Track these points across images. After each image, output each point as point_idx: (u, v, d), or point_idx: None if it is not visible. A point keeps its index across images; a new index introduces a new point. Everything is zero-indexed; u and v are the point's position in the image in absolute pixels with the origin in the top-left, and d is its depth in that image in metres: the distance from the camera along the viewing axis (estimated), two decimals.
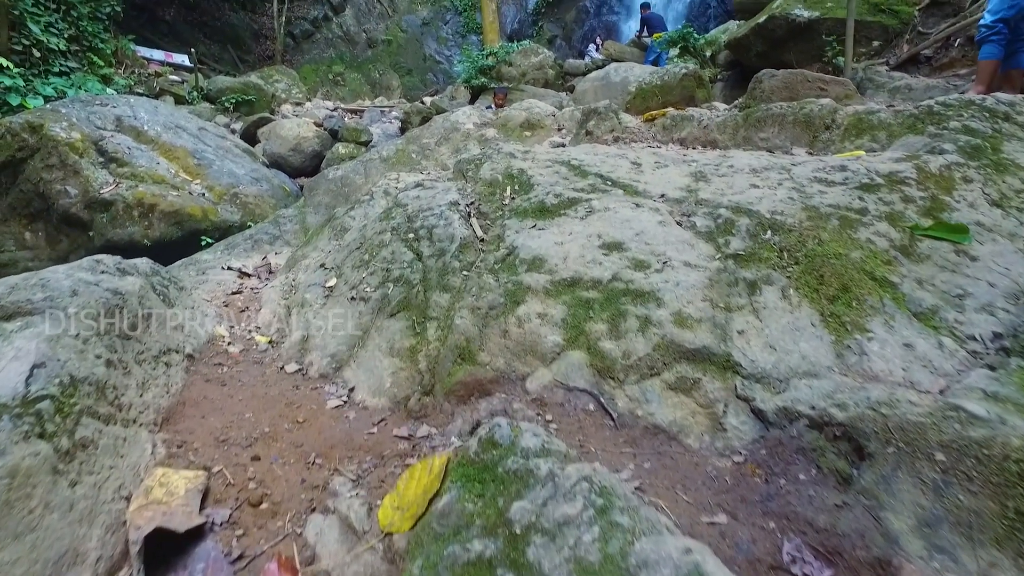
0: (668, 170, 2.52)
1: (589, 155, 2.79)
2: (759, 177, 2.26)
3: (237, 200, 7.71)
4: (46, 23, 12.08)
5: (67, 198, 6.56)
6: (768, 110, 3.03)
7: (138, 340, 1.67)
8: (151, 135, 7.91)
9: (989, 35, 5.02)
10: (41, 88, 11.55)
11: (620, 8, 19.79)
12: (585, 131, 3.58)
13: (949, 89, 6.68)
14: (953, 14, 7.92)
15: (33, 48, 11.65)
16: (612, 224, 2.02)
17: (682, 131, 3.42)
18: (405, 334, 1.94)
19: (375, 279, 2.17)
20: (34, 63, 11.84)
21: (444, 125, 4.63)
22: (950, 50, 7.52)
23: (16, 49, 11.41)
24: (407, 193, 2.72)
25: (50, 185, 6.60)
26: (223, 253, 4.23)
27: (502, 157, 2.86)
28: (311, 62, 18.10)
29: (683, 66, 5.22)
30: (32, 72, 11.86)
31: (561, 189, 2.35)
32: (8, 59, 11.05)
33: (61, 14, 12.51)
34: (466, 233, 2.20)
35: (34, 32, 11.58)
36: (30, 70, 11.79)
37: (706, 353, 1.54)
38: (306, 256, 2.98)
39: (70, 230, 6.76)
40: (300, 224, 4.41)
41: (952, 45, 7.50)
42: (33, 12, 11.78)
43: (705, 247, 1.87)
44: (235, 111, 13.53)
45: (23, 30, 11.52)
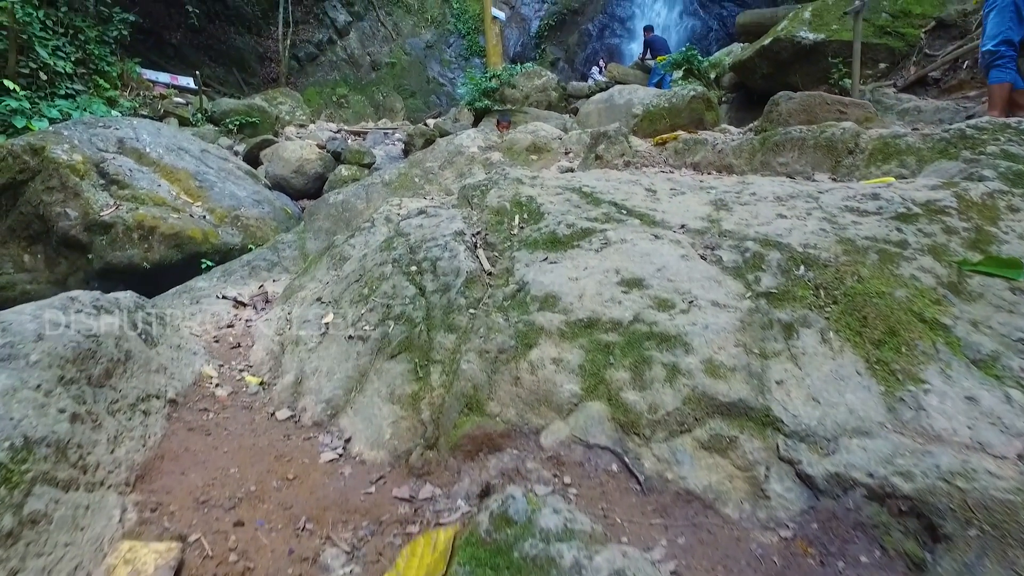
0: (686, 198, 2.38)
1: (601, 181, 2.65)
2: (785, 206, 2.12)
3: (238, 222, 7.62)
4: (54, 47, 12.18)
5: (67, 220, 6.48)
6: (787, 134, 2.90)
7: (113, 388, 1.52)
8: (153, 157, 7.86)
9: (994, 60, 4.93)
10: (46, 110, 11.59)
11: (622, 31, 19.94)
12: (595, 155, 3.45)
13: (959, 111, 6.58)
14: (959, 36, 7.87)
15: (40, 71, 11.73)
16: (631, 258, 1.87)
17: (695, 155, 3.29)
18: (407, 378, 1.78)
19: (374, 316, 2.02)
20: (40, 86, 11.91)
21: (448, 148, 4.52)
22: (958, 72, 7.45)
23: (23, 72, 11.49)
24: (409, 221, 2.58)
25: (50, 207, 6.53)
26: (219, 280, 4.09)
27: (509, 183, 2.73)
28: (315, 84, 18.21)
29: (692, 88, 5.12)
30: (38, 95, 11.93)
31: (573, 218, 2.21)
32: (15, 82, 11.12)
33: (69, 38, 12.62)
34: (472, 266, 2.05)
35: (42, 56, 11.67)
36: (36, 92, 11.86)
37: (742, 407, 1.38)
38: (303, 287, 2.84)
39: (69, 252, 6.67)
40: (299, 250, 4.28)
41: (960, 67, 7.43)
42: (41, 36, 11.89)
43: (733, 284, 1.71)
44: (239, 133, 13.55)
45: (31, 54, 11.61)
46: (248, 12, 17.23)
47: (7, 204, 6.89)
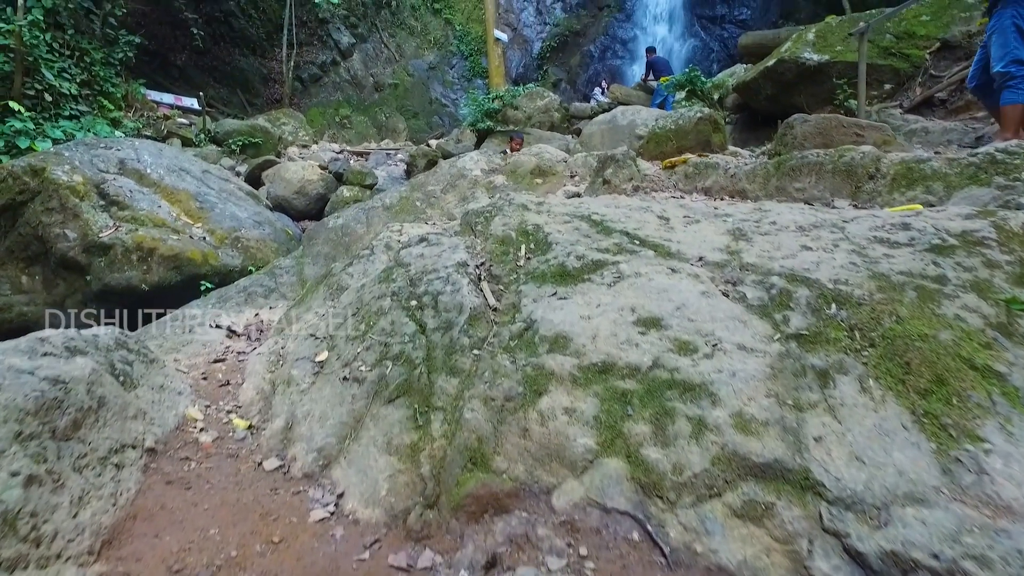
0: (701, 226, 2.26)
1: (611, 208, 2.53)
2: (809, 236, 1.99)
3: (239, 244, 7.55)
4: (59, 68, 12.27)
5: (65, 241, 6.41)
6: (803, 158, 2.79)
7: (81, 440, 1.38)
8: (154, 178, 7.82)
9: (1005, 81, 4.84)
10: (50, 131, 11.63)
11: (624, 52, 20.08)
12: (602, 179, 3.34)
13: (967, 132, 6.49)
14: (965, 57, 7.81)
15: (45, 92, 11.79)
16: (647, 294, 1.74)
17: (706, 180, 3.18)
18: (405, 426, 1.63)
19: (371, 355, 1.88)
20: (45, 107, 11.96)
21: (450, 171, 4.42)
22: (965, 93, 7.37)
23: (28, 93, 11.55)
24: (410, 250, 2.46)
25: (49, 228, 6.47)
26: (214, 307, 3.97)
27: (514, 209, 2.61)
28: (319, 105, 18.30)
29: (698, 110, 5.03)
30: (43, 115, 11.98)
31: (583, 249, 2.08)
32: (20, 103, 11.17)
33: (75, 60, 12.71)
34: (476, 302, 1.92)
35: (47, 77, 11.74)
36: (41, 113, 11.91)
37: (778, 468, 1.23)
38: (298, 318, 2.71)
39: (67, 274, 6.58)
40: (297, 276, 4.16)
41: (967, 88, 7.36)
42: (48, 59, 11.97)
43: (760, 325, 1.58)
44: (241, 153, 13.58)
45: (37, 75, 11.69)
46: (253, 34, 17.39)
47: (6, 225, 6.84)
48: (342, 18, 19.15)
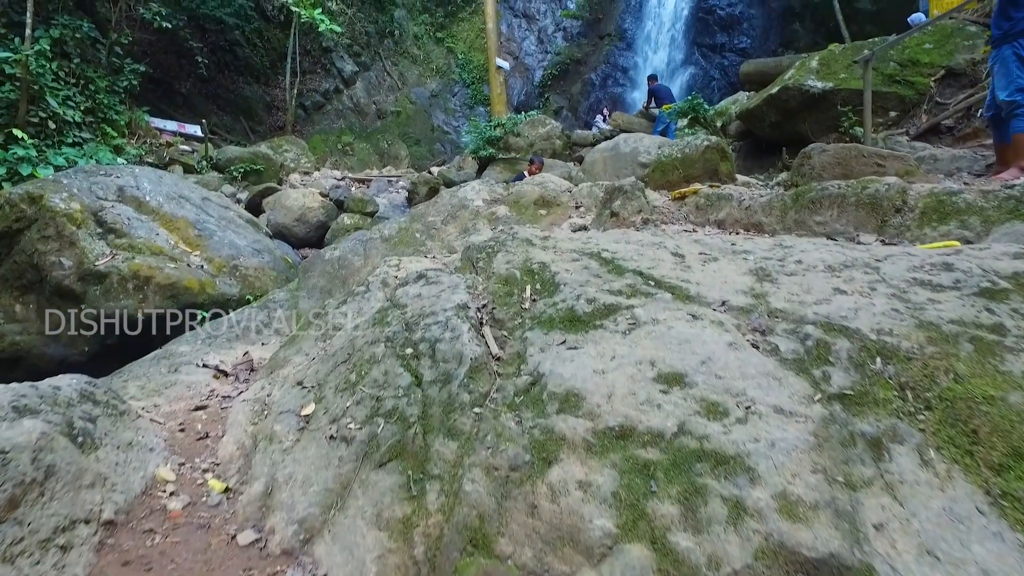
0: (720, 265, 2.09)
1: (621, 244, 2.37)
2: (840, 278, 1.82)
3: (237, 272, 7.42)
4: (64, 96, 12.34)
5: (61, 270, 6.28)
6: (824, 190, 2.64)
7: (18, 522, 1.19)
8: (152, 205, 7.72)
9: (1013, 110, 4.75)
10: (53, 158, 11.63)
11: (625, 80, 20.26)
12: (610, 212, 3.20)
13: (977, 160, 6.39)
14: (970, 85, 7.77)
15: (49, 120, 11.85)
16: (667, 345, 1.56)
17: (719, 212, 3.03)
18: (398, 496, 1.44)
19: (362, 410, 1.70)
20: (49, 134, 12.00)
21: (451, 202, 4.28)
22: (972, 120, 7.30)
23: (32, 121, 11.61)
24: (407, 289, 2.29)
25: (44, 256, 6.34)
26: (203, 343, 3.79)
27: (518, 245, 2.45)
28: (321, 132, 18.39)
29: (705, 138, 4.92)
30: (46, 143, 12.01)
31: (594, 291, 1.91)
32: (24, 130, 11.21)
33: (79, 88, 12.80)
34: (478, 351, 1.75)
35: (52, 105, 11.81)
36: (44, 140, 11.94)
37: (835, 565, 1.04)
38: (288, 360, 2.53)
39: (62, 303, 6.43)
40: (292, 310, 3.99)
41: (974, 115, 7.29)
42: (53, 87, 12.05)
43: (797, 383, 1.40)
44: (243, 180, 13.55)
45: (41, 103, 11.75)
46: (257, 63, 17.59)
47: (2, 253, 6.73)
48: (345, 47, 19.40)
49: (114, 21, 13.58)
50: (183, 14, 14.88)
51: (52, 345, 6.25)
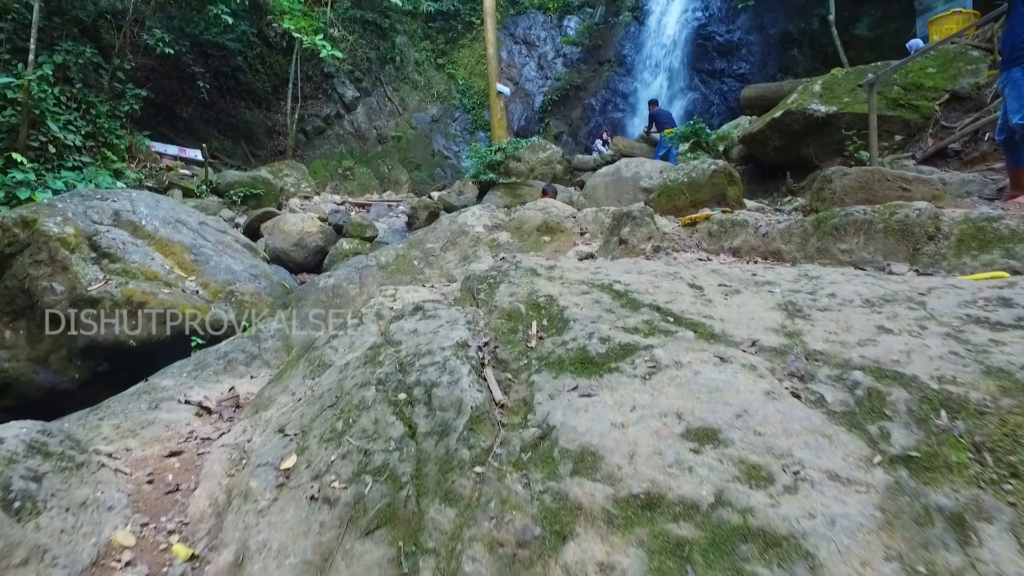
0: (744, 298, 1.91)
1: (633, 274, 2.20)
2: (882, 314, 1.64)
3: (232, 298, 7.28)
4: (65, 121, 12.34)
5: (52, 295, 6.13)
6: (848, 216, 2.47)
7: None
8: (148, 230, 7.60)
9: None
10: (52, 182, 11.56)
11: (625, 105, 20.36)
12: (618, 239, 3.03)
13: (987, 183, 6.27)
14: (975, 108, 7.70)
15: (49, 144, 11.82)
16: (695, 393, 1.37)
17: (734, 239, 2.86)
18: (386, 572, 1.24)
19: (348, 466, 1.50)
20: (48, 158, 11.96)
21: (451, 228, 4.12)
22: (980, 144, 7.21)
23: (32, 145, 11.58)
24: (402, 324, 2.11)
25: (36, 281, 6.20)
26: (189, 376, 3.59)
27: (522, 275, 2.28)
28: (322, 157, 18.41)
29: (712, 162, 4.79)
30: (45, 167, 11.95)
31: (607, 328, 1.73)
32: (24, 154, 11.16)
33: (81, 112, 12.81)
34: (479, 398, 1.55)
35: (52, 130, 11.79)
36: (44, 164, 11.89)
37: None
38: (273, 400, 2.33)
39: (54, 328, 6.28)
40: (283, 341, 3.80)
41: (982, 139, 7.20)
42: (54, 112, 12.05)
43: (851, 441, 1.20)
44: (243, 204, 13.49)
45: (42, 127, 11.73)
46: (259, 88, 17.69)
47: None
48: (347, 72, 19.55)
49: (117, 47, 13.66)
50: (186, 40, 14.99)
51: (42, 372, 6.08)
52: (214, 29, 15.37)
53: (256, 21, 16.66)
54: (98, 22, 14.01)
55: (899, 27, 13.69)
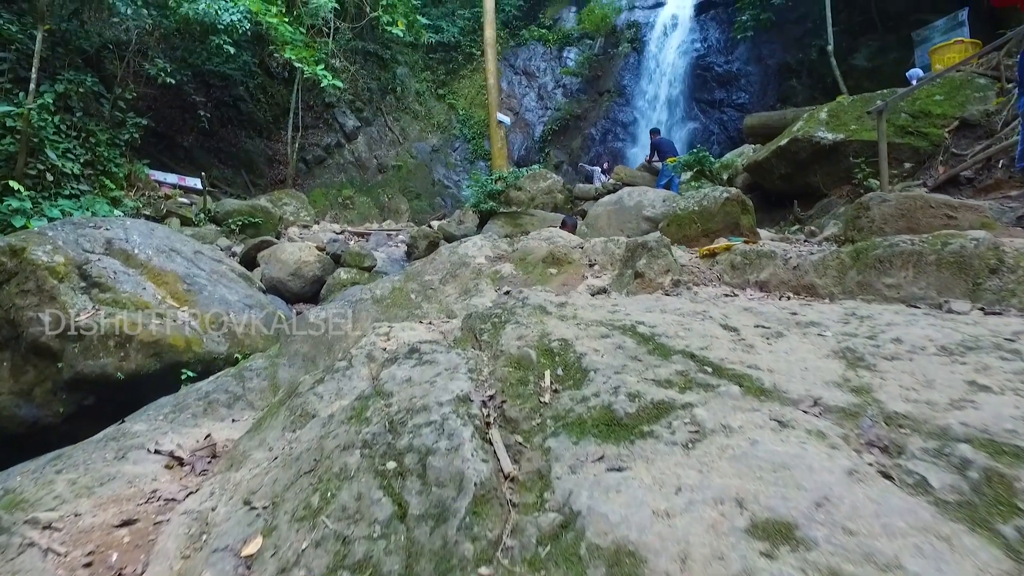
0: (789, 343, 1.64)
1: (656, 314, 1.93)
2: (967, 365, 1.37)
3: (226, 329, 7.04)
4: (64, 149, 12.26)
5: (38, 326, 5.88)
6: (893, 247, 2.22)
7: None
8: (141, 259, 7.40)
9: None
10: (48, 210, 11.42)
11: (625, 135, 20.41)
12: (633, 272, 2.77)
13: (1005, 211, 6.07)
14: (986, 136, 7.56)
15: (47, 172, 11.71)
16: (755, 470, 1.09)
17: (760, 272, 2.61)
18: None
19: (322, 558, 1.21)
20: (46, 186, 11.84)
21: (450, 259, 3.87)
22: (993, 171, 7.03)
23: (30, 173, 11.46)
24: (394, 371, 1.83)
25: (22, 312, 5.97)
26: (165, 420, 3.29)
27: (530, 314, 2.01)
28: (322, 186, 18.34)
29: (724, 189, 4.58)
30: (43, 195, 11.82)
31: (635, 381, 1.45)
32: (21, 182, 11.03)
33: (80, 140, 12.75)
34: (484, 471, 1.27)
35: (51, 158, 11.69)
36: (41, 192, 11.77)
37: None
38: (246, 456, 2.04)
39: (39, 360, 6.02)
40: (270, 380, 3.52)
41: (995, 166, 7.03)
42: (54, 140, 11.99)
43: (979, 547, 0.92)
44: (241, 233, 13.33)
45: (40, 156, 11.64)
46: (260, 117, 17.73)
47: None
48: (348, 102, 19.65)
49: (119, 76, 13.69)
50: (188, 69, 15.05)
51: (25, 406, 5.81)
52: (216, 59, 15.45)
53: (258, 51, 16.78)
54: (101, 52, 14.06)
55: (897, 57, 13.75)
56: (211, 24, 13.33)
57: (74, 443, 3.43)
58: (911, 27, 13.51)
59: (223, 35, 13.58)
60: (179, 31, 14.80)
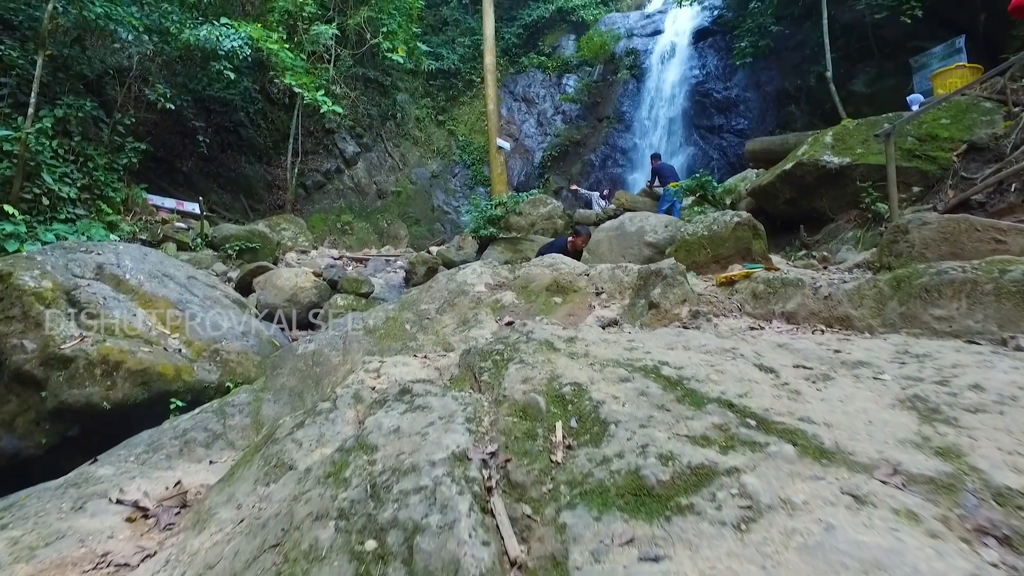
0: (842, 389, 1.40)
1: (679, 352, 1.69)
2: None
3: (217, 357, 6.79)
4: (61, 173, 12.17)
5: (22, 353, 5.65)
6: (942, 275, 1.98)
7: None
8: (132, 284, 7.19)
9: None
10: (42, 235, 11.26)
11: (624, 161, 20.37)
12: (647, 302, 2.53)
13: None
14: (995, 159, 7.41)
15: (43, 196, 11.59)
16: (835, 569, 0.84)
17: (786, 302, 2.37)
18: None
19: None
20: (42, 210, 11.70)
21: (448, 287, 3.63)
22: (1006, 195, 6.85)
23: (26, 197, 11.33)
24: (381, 419, 1.58)
25: (5, 339, 5.74)
26: (136, 461, 3.02)
27: (536, 351, 1.77)
28: (321, 211, 18.22)
29: (735, 213, 4.38)
30: (38, 219, 11.68)
31: (665, 437, 1.21)
32: (16, 207, 10.89)
33: (78, 165, 12.67)
34: (485, 558, 1.02)
35: (47, 182, 11.58)
36: (36, 217, 11.62)
37: None
38: (211, 515, 1.78)
39: (22, 389, 5.78)
40: (253, 417, 3.25)
41: (1008, 190, 6.85)
42: (51, 164, 11.90)
43: None
44: (238, 258, 13.16)
45: (37, 180, 11.53)
46: (260, 143, 17.71)
47: None
48: (348, 128, 19.68)
49: (119, 101, 13.67)
50: (188, 95, 15.06)
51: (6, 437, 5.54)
52: (217, 85, 15.49)
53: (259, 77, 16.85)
54: (103, 78, 14.07)
55: (895, 83, 13.74)
56: (212, 50, 13.38)
57: (56, 476, 3.17)
58: (908, 54, 13.54)
59: (224, 61, 13.61)
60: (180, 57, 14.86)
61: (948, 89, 9.78)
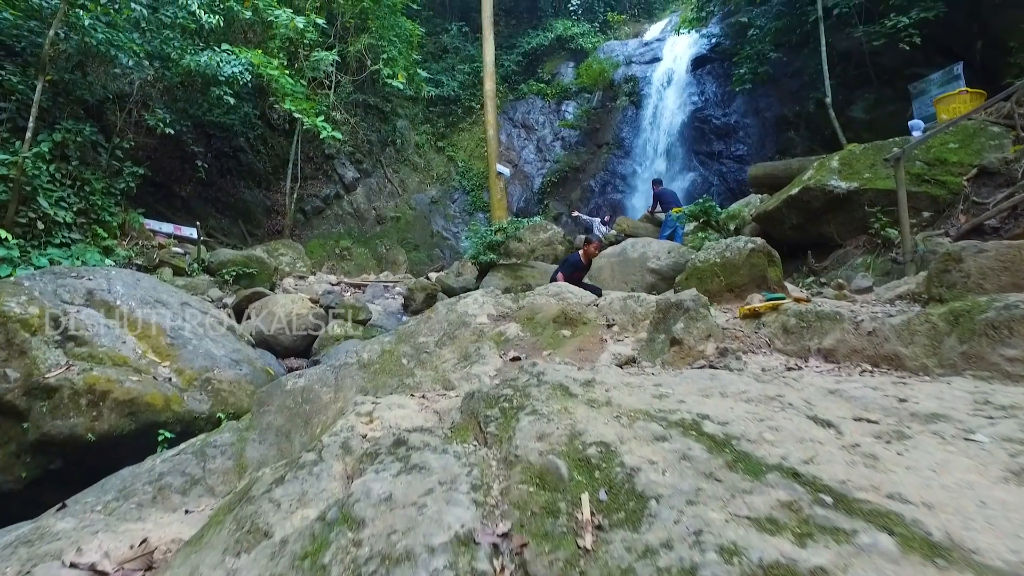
0: (929, 453, 1.16)
1: (716, 399, 1.46)
2: None
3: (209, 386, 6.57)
4: (58, 198, 12.05)
5: (4, 383, 5.42)
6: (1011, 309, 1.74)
7: None
8: (123, 310, 6.99)
9: None
10: (36, 259, 11.09)
11: (624, 187, 20.35)
12: (669, 338, 2.29)
13: None
14: (1007, 184, 7.28)
15: (38, 220, 11.45)
16: None
17: (823, 337, 2.14)
18: None
19: None
20: (36, 234, 11.56)
21: (448, 318, 3.38)
22: (1021, 219, 6.69)
23: (20, 222, 11.19)
24: (371, 484, 1.33)
25: None
26: (103, 511, 2.74)
27: (549, 397, 1.53)
28: (320, 236, 18.07)
29: (748, 240, 4.17)
30: (32, 243, 11.52)
31: (722, 522, 0.96)
32: (11, 231, 10.74)
33: (75, 189, 12.56)
34: None
35: (43, 206, 11.44)
36: (31, 241, 11.46)
37: None
38: None
39: (3, 420, 5.58)
40: (235, 459, 2.98)
41: (1022, 215, 6.69)
42: (48, 188, 11.78)
43: None
44: (235, 284, 12.96)
45: (33, 204, 11.41)
46: (259, 168, 17.65)
47: None
48: (348, 154, 19.67)
49: (119, 126, 13.62)
50: (188, 120, 15.05)
51: None
52: (217, 110, 15.48)
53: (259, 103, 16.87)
54: (103, 103, 14.04)
55: (894, 110, 13.75)
56: (213, 76, 13.38)
57: (37, 512, 2.91)
58: (906, 80, 13.59)
59: (224, 87, 13.60)
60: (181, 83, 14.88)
61: (952, 114, 9.73)
